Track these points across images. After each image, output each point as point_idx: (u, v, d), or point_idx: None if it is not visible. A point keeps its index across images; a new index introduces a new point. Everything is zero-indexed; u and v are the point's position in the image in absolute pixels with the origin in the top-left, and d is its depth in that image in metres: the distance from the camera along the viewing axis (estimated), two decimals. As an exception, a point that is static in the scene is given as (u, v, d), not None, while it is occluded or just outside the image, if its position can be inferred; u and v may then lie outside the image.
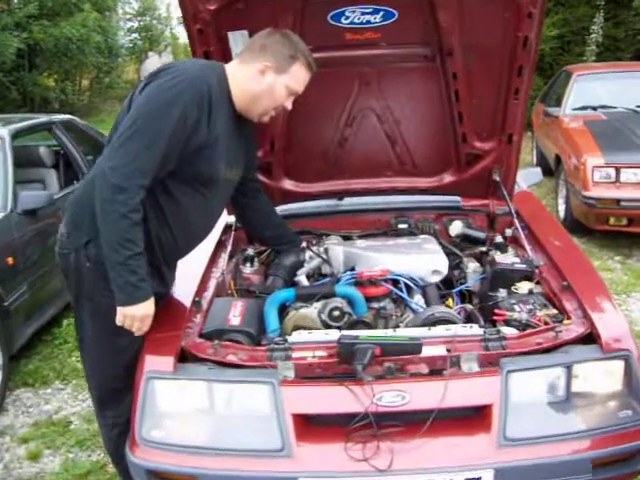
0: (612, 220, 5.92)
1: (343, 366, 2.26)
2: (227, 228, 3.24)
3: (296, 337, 2.41)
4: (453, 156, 3.23)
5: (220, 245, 3.15)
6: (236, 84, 2.38)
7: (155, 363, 2.31)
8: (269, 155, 3.16)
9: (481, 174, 3.25)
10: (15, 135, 4.80)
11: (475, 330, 2.38)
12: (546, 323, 2.44)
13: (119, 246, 2.18)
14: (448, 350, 2.29)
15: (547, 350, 2.30)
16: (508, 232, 3.23)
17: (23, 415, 3.88)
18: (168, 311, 2.55)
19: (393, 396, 2.17)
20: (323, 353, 2.31)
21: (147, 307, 2.30)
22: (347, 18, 2.72)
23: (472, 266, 3.04)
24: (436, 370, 2.27)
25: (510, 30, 2.72)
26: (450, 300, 2.90)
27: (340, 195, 3.41)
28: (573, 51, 13.17)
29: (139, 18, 25.19)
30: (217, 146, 2.32)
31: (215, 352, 2.31)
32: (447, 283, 2.99)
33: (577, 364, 2.25)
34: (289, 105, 2.47)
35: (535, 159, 9.34)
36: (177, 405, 2.30)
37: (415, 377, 2.24)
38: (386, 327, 2.68)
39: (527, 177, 3.97)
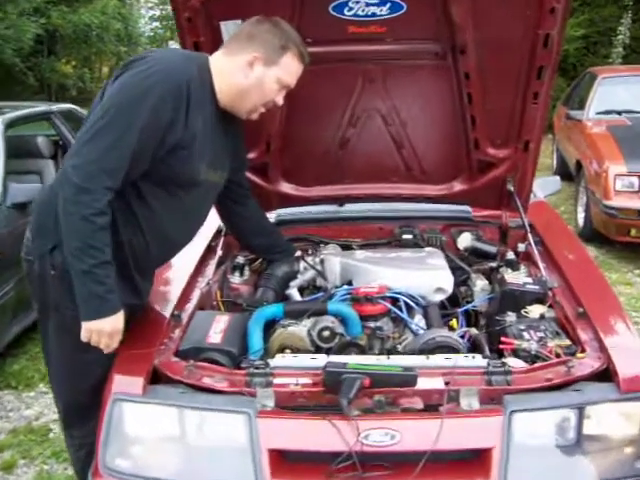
0: (633, 232, 5.67)
1: (329, 396, 2.04)
2: (218, 233, 3.03)
3: (279, 361, 2.19)
4: (464, 163, 3.00)
5: (209, 251, 2.94)
6: (221, 77, 2.17)
7: (123, 384, 2.11)
8: (265, 156, 2.95)
9: (494, 183, 3.02)
10: (10, 124, 4.63)
11: (478, 361, 2.15)
12: (557, 355, 2.20)
13: (82, 253, 1.97)
14: (446, 383, 2.07)
15: (557, 386, 2.06)
16: (521, 247, 3.01)
17: (2, 420, 3.70)
18: (143, 325, 2.35)
19: (381, 434, 1.94)
20: (307, 380, 2.09)
21: (115, 322, 2.09)
22: (350, 9, 2.49)
23: (480, 284, 2.81)
24: (432, 405, 2.05)
25: (530, 27, 2.47)
26: (454, 320, 2.67)
27: (341, 201, 3.22)
28: (599, 52, 12.85)
29: (161, 7, 24.99)
30: (196, 145, 2.12)
31: (189, 374, 2.11)
32: (452, 300, 2.77)
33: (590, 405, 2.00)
34: (280, 100, 2.27)
35: (555, 163, 9.06)
36: (145, 431, 2.09)
37: (407, 413, 2.01)
38: (382, 349, 2.46)
39: (544, 186, 3.73)
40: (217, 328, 2.35)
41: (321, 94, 2.73)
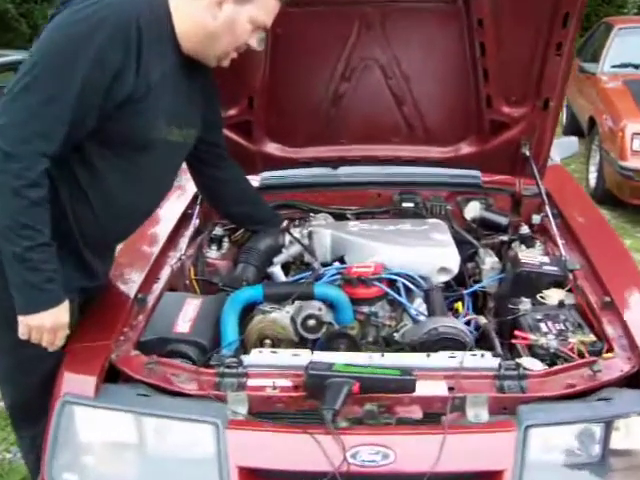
0: (650, 195, 5.30)
1: (311, 401, 1.74)
2: (194, 199, 2.70)
3: (254, 357, 1.88)
4: (474, 122, 2.69)
5: (183, 220, 2.61)
6: (183, 18, 1.83)
7: (74, 383, 1.80)
8: (247, 113, 2.62)
9: (507, 146, 2.70)
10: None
11: (488, 361, 1.84)
12: (580, 354, 1.89)
13: (13, 233, 1.65)
14: (450, 388, 1.76)
15: (580, 393, 1.75)
16: (536, 219, 2.70)
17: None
18: (100, 312, 2.04)
19: (372, 452, 1.64)
20: (287, 383, 1.79)
21: (57, 315, 1.77)
22: (345, -60, 2.11)
23: (489, 261, 2.50)
24: (432, 415, 1.74)
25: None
26: (459, 303, 2.36)
27: (334, 163, 2.89)
28: (613, 2, 12.30)
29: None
30: (152, 98, 1.78)
31: (151, 372, 1.81)
32: (457, 278, 2.45)
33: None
34: (254, 42, 1.93)
35: (565, 119, 8.63)
36: (98, 439, 1.81)
37: (404, 427, 1.70)
38: (377, 337, 2.14)
39: (560, 148, 3.37)
40: (187, 314, 2.06)
41: (311, 42, 2.43)
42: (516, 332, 2.00)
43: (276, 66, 2.45)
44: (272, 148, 2.80)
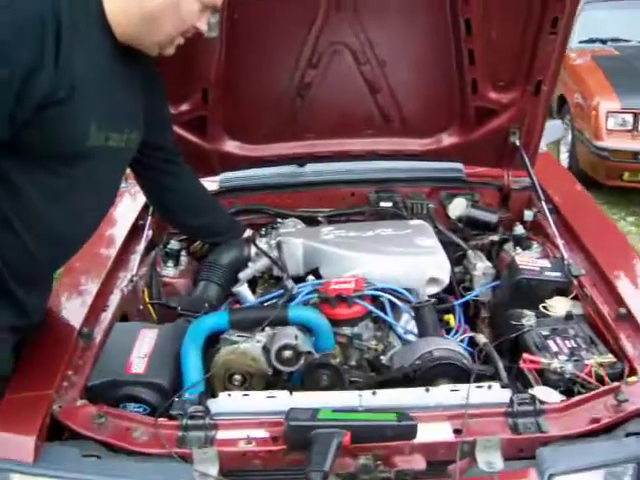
0: (627, 175, 5.20)
1: (294, 455, 1.47)
2: (145, 208, 2.42)
3: (223, 403, 1.60)
4: (457, 110, 2.47)
5: (133, 234, 2.32)
6: (116, 1, 1.50)
7: (9, 446, 1.49)
8: (201, 108, 2.36)
9: (494, 135, 2.48)
10: None
11: (497, 394, 1.59)
12: (599, 379, 1.63)
13: None
14: (457, 431, 1.49)
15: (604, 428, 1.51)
16: (528, 215, 2.49)
17: None
18: (37, 354, 1.72)
19: (372, 519, 1.36)
20: (263, 434, 1.53)
21: None
22: None
23: (481, 266, 2.27)
24: (437, 464, 1.49)
25: None
26: (451, 316, 2.09)
27: (301, 160, 2.66)
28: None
29: None
30: (79, 99, 1.48)
31: (101, 427, 1.53)
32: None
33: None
34: (204, 27, 1.67)
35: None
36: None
37: (405, 482, 1.43)
38: (360, 362, 1.88)
39: (545, 132, 3.11)
40: (142, 349, 1.79)
41: (272, 25, 2.19)
42: (525, 356, 1.73)
43: (233, 54, 2.20)
44: (231, 146, 2.55)
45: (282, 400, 1.58)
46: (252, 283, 2.24)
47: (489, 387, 1.61)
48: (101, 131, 1.58)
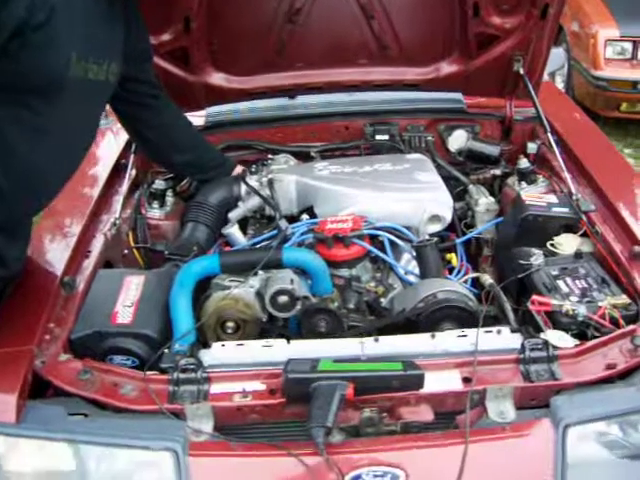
0: (624, 106, 5.00)
1: (293, 408, 1.39)
2: (127, 146, 2.29)
3: (216, 354, 1.52)
4: (457, 37, 2.35)
5: (116, 173, 2.19)
6: None
7: (-12, 406, 1.42)
8: (183, 38, 2.23)
9: (497, 63, 2.37)
10: None
11: (507, 340, 1.51)
12: (614, 321, 1.55)
13: None
14: (466, 379, 1.41)
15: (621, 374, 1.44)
16: (532, 147, 2.38)
17: None
18: (16, 307, 1.62)
19: (378, 474, 1.32)
20: (260, 386, 1.44)
21: None
22: None
23: (484, 202, 2.19)
24: (445, 414, 1.41)
25: None
26: (452, 255, 2.01)
27: (291, 92, 2.55)
28: None
29: None
30: (57, 24, 1.37)
31: (86, 384, 1.44)
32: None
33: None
34: None
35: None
36: (29, 468, 1.42)
37: (413, 436, 1.36)
38: (359, 305, 1.79)
39: (547, 60, 2.99)
40: (128, 297, 1.70)
41: None
42: (534, 297, 1.64)
43: (216, -23, 2.05)
44: (216, 78, 2.42)
45: (279, 349, 1.50)
46: (243, 224, 2.14)
47: (498, 332, 1.53)
48: (81, 60, 1.48)
